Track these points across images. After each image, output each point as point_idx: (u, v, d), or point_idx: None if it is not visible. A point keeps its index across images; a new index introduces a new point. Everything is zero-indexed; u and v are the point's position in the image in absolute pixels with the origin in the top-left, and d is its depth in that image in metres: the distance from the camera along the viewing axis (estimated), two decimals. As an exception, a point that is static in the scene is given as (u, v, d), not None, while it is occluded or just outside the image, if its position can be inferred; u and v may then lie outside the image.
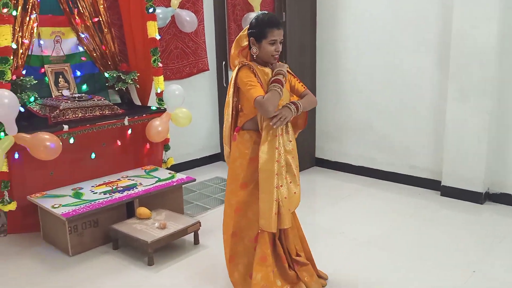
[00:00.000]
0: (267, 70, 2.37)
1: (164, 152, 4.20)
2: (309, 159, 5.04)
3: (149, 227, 3.07)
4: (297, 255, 2.54)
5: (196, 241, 3.19)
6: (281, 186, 2.34)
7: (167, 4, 4.45)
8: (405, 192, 4.19)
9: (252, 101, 2.23)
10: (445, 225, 3.49)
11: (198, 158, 5.15)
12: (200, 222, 3.18)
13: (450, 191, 3.97)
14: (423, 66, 4.09)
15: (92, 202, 3.12)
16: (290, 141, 2.42)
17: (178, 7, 4.47)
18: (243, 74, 2.29)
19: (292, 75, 2.52)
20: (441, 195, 4.04)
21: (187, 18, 4.50)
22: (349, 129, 4.73)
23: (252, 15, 4.88)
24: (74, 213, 2.96)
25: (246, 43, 2.36)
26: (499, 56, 3.62)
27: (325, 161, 4.99)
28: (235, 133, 2.45)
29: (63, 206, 3.06)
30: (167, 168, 4.13)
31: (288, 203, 2.37)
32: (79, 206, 3.06)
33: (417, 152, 4.26)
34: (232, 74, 2.36)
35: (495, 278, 2.69)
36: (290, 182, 2.39)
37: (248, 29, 2.36)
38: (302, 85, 2.52)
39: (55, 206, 3.06)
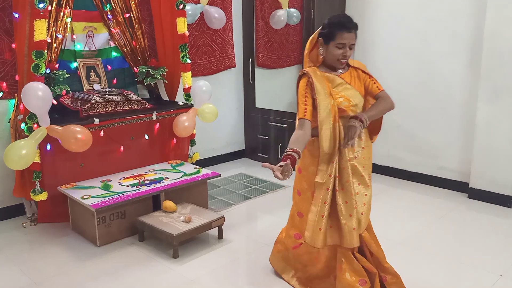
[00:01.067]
0: (332, 76, 2.25)
1: (190, 147, 4.25)
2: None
3: (175, 220, 3.12)
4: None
5: (220, 236, 3.22)
6: (346, 202, 2.23)
7: (197, 1, 4.49)
8: (432, 194, 4.13)
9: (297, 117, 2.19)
10: (474, 227, 3.43)
11: (222, 154, 5.19)
12: (224, 217, 3.21)
13: (477, 193, 3.89)
14: (454, 65, 4.02)
15: (120, 194, 3.19)
16: (363, 148, 2.30)
17: (207, 4, 4.51)
18: (300, 86, 2.23)
19: (368, 75, 2.35)
20: (468, 197, 3.97)
21: (216, 15, 4.53)
22: (376, 128, 4.68)
23: (280, 13, 4.89)
24: (102, 204, 3.03)
25: (313, 44, 2.30)
26: (533, 56, 3.53)
27: (350, 160, 4.95)
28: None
29: (92, 197, 3.14)
30: (193, 163, 4.18)
31: (353, 220, 2.24)
32: (107, 198, 3.13)
33: (445, 153, 4.19)
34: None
35: (524, 283, 2.63)
36: (358, 193, 2.27)
37: (320, 29, 2.26)
38: (377, 86, 2.33)
39: (84, 197, 3.14)
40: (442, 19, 4.03)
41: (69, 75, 3.58)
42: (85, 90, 3.79)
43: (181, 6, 3.98)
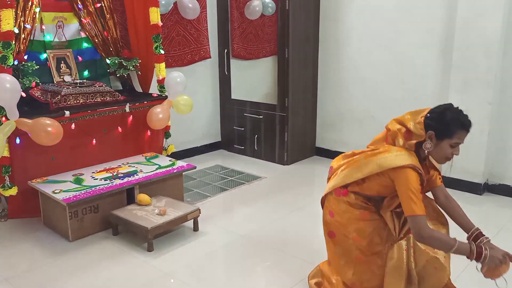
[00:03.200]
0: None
1: (164, 139, 4.21)
2: (309, 148, 5.05)
3: (149, 213, 3.09)
4: None
5: (196, 228, 3.21)
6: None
7: (170, -9, 4.42)
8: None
9: (408, 212, 1.93)
10: (445, 215, 3.49)
11: (198, 146, 5.16)
12: (200, 209, 3.19)
13: (449, 181, 3.95)
14: (427, 56, 4.07)
15: (93, 188, 3.14)
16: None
17: (180, -6, 4.44)
18: (414, 179, 1.93)
19: (438, 171, 2.18)
20: (440, 186, 4.04)
21: (190, 5, 4.47)
22: (350, 118, 4.73)
23: (255, 3, 4.85)
24: (74, 198, 2.98)
25: (418, 131, 1.99)
26: (504, 46, 3.61)
27: (325, 151, 5.00)
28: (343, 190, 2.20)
29: (64, 191, 3.08)
30: (168, 156, 4.14)
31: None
32: (79, 191, 3.08)
33: (417, 143, 4.26)
34: (387, 157, 2.00)
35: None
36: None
37: (431, 119, 1.97)
38: (440, 179, 2.19)
39: (56, 191, 3.08)
40: (415, 10, 4.07)
41: (38, 66, 3.47)
42: (55, 82, 3.70)
43: (153, -4, 3.91)
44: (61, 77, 3.77)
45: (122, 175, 3.41)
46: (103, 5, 3.92)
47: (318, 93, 4.95)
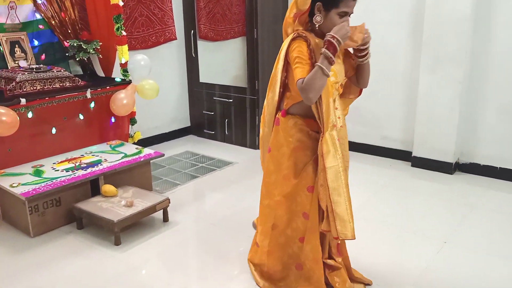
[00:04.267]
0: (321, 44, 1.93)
1: (130, 126, 4.02)
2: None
3: (115, 205, 2.94)
4: (330, 257, 2.25)
5: (166, 218, 3.09)
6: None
7: (130, -32, 4.18)
8: (377, 163, 4.18)
9: (295, 79, 1.87)
10: (417, 195, 3.50)
11: (166, 132, 5.00)
12: (169, 199, 3.07)
13: (420, 161, 3.98)
14: (398, 35, 4.01)
15: (54, 180, 2.96)
16: (342, 127, 2.04)
17: (142, -28, 4.21)
18: (294, 47, 1.90)
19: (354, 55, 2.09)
20: (411, 165, 4.05)
21: (152, -16, 4.26)
22: (322, 100, 4.65)
23: (222, -19, 4.66)
24: (34, 192, 2.80)
25: (305, 4, 1.91)
26: (473, 24, 3.58)
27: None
28: (279, 116, 2.11)
29: (22, 185, 2.89)
30: (134, 143, 3.97)
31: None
32: (39, 184, 2.90)
33: (388, 123, 4.24)
34: (283, 44, 1.99)
35: (466, 247, 2.71)
36: None
37: None
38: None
39: (13, 185, 2.88)
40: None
41: (-12, 51, 3.23)
42: (9, 68, 3.46)
43: (113, -26, 3.68)
44: (16, 62, 3.52)
45: (85, 165, 3.23)
46: (58, -16, 3.67)
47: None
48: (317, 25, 1.93)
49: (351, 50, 2.12)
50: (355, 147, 4.47)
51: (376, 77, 4.18)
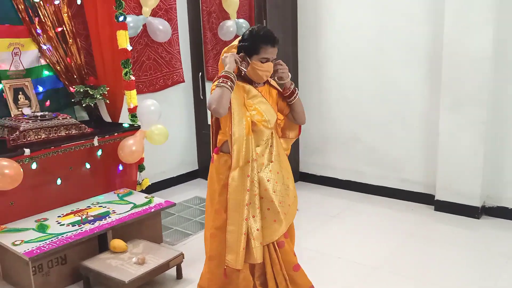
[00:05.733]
0: (249, 87, 2.16)
1: (138, 173, 3.84)
2: (293, 174, 4.77)
3: (126, 262, 2.72)
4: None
5: (179, 275, 2.86)
6: (253, 216, 2.12)
7: (138, 12, 4.10)
8: (397, 207, 3.98)
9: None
10: (444, 242, 3.30)
11: (174, 176, 4.81)
12: (183, 254, 2.85)
13: (444, 205, 3.78)
14: (412, 75, 3.90)
15: (59, 237, 2.75)
16: (272, 162, 2.20)
17: (150, 15, 4.14)
18: (214, 82, 2.07)
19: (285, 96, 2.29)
20: (435, 209, 3.85)
21: (160, 27, 4.18)
22: (335, 141, 4.50)
23: (229, 23, 4.61)
24: (38, 251, 2.58)
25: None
26: (494, 63, 3.46)
27: (310, 176, 4.74)
28: (213, 153, 2.28)
29: (25, 242, 2.68)
30: (142, 191, 3.78)
31: (261, 235, 2.14)
32: (44, 242, 2.68)
33: (408, 165, 4.07)
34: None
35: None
36: (268, 209, 2.17)
37: (240, 41, 2.15)
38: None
39: (16, 243, 2.67)
40: (398, 27, 3.91)
41: (-8, 99, 3.09)
42: (12, 116, 3.30)
43: (121, 18, 3.59)
44: (20, 109, 3.37)
45: (92, 218, 3.03)
46: (64, 29, 3.57)
47: (299, 115, 4.71)
48: (242, 72, 2.13)
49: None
50: (372, 189, 4.30)
51: (391, 118, 4.08)
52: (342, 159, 4.48)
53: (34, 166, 3.02)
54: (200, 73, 4.78)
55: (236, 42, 2.18)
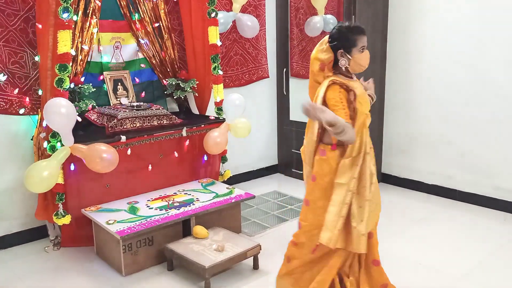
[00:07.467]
0: (352, 83, 2.19)
1: (221, 164, 3.98)
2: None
3: (206, 248, 2.84)
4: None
5: (256, 266, 2.92)
6: (360, 207, 2.16)
7: (229, 9, 4.24)
8: (488, 216, 3.72)
9: None
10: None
11: (254, 169, 4.90)
12: (260, 246, 2.91)
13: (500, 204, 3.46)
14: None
15: (148, 219, 2.94)
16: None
17: (239, 12, 4.25)
18: (334, 93, 2.10)
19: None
20: (532, 222, 3.55)
21: (249, 23, 4.27)
22: (422, 143, 4.30)
23: (316, 19, 4.59)
24: (129, 231, 2.78)
25: (327, 56, 2.18)
26: None
27: (392, 177, 4.58)
28: (324, 148, 2.23)
29: (118, 222, 2.90)
30: (224, 181, 3.90)
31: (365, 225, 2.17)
32: (134, 223, 2.88)
33: (503, 171, 3.78)
34: (320, 90, 2.15)
35: None
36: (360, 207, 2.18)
37: (330, 42, 2.18)
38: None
39: (109, 222, 2.90)
40: (500, 22, 3.63)
41: (95, 89, 3.36)
42: (111, 105, 3.58)
43: (213, 14, 3.73)
44: (118, 99, 3.65)
45: (178, 204, 3.19)
46: (161, 24, 3.79)
47: (384, 114, 4.57)
48: (343, 68, 2.18)
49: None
50: (461, 196, 4.06)
51: (487, 120, 3.81)
52: (429, 161, 4.28)
53: (128, 152, 3.25)
54: (285, 69, 4.81)
55: (324, 45, 2.20)
